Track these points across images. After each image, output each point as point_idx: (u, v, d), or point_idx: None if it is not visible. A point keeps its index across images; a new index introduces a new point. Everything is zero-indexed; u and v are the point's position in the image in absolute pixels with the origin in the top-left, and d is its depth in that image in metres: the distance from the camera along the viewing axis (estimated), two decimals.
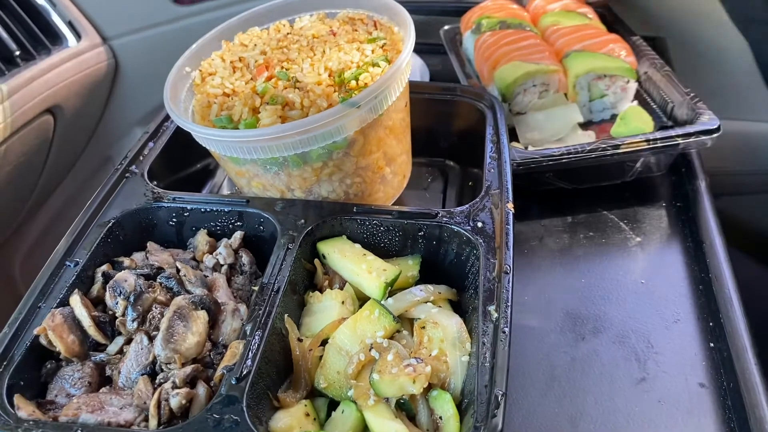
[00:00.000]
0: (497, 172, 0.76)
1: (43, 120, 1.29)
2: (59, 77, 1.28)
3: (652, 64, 0.95)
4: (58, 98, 1.29)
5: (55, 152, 1.38)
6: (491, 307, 0.60)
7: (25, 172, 1.35)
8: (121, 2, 1.34)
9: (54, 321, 0.60)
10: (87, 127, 1.49)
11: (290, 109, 0.70)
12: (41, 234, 1.68)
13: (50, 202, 1.59)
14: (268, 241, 0.72)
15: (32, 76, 1.23)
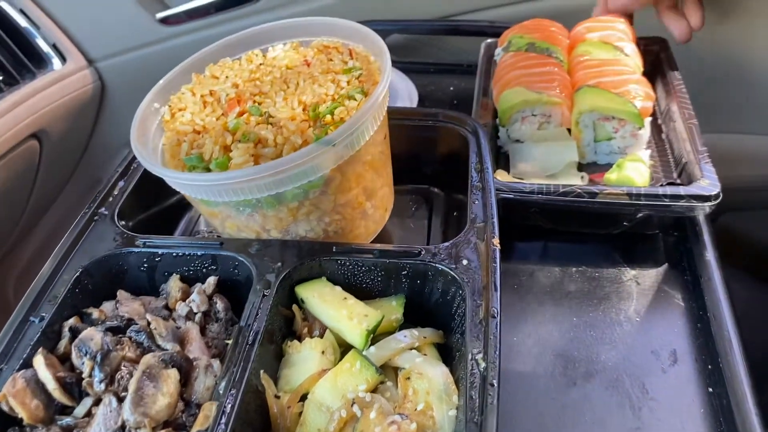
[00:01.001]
0: (482, 204, 0.72)
1: (29, 145, 1.26)
2: (44, 101, 1.25)
3: (681, 114, 0.88)
4: (44, 123, 1.26)
5: (43, 177, 1.36)
6: (479, 355, 0.57)
7: (13, 197, 1.32)
8: (106, 24, 1.31)
9: (15, 386, 0.56)
10: (75, 150, 1.46)
11: (263, 146, 0.67)
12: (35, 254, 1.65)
13: (43, 222, 1.57)
14: (244, 284, 0.69)
15: (16, 101, 1.20)
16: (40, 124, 1.30)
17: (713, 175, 0.77)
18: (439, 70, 1.19)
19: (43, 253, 1.74)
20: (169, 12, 1.32)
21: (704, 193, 0.74)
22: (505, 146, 0.91)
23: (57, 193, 1.57)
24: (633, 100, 0.82)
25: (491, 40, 1.07)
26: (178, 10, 1.32)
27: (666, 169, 0.86)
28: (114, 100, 1.42)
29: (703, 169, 0.78)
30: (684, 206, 0.75)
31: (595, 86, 0.84)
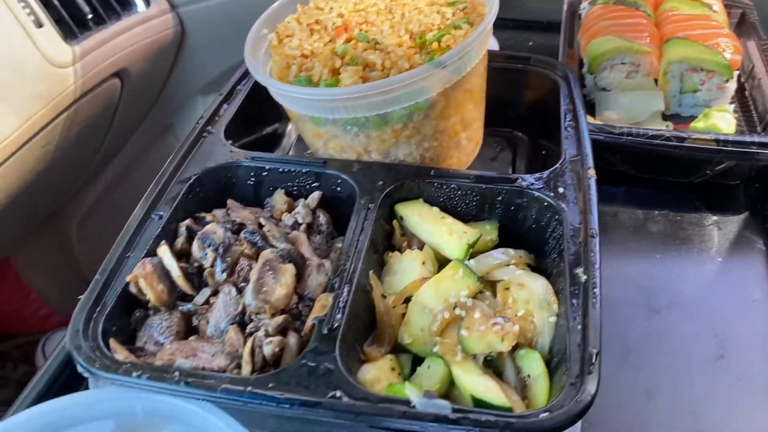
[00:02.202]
0: (575, 140, 0.75)
1: (111, 83, 1.32)
2: (128, 42, 1.30)
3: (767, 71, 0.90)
4: (126, 62, 1.31)
5: (120, 116, 1.41)
6: (579, 270, 0.60)
7: (91, 135, 1.38)
8: None
9: (145, 269, 0.61)
10: (151, 93, 1.51)
11: (371, 70, 0.70)
12: (98, 199, 1.72)
13: (110, 168, 1.63)
14: (345, 202, 0.73)
15: (103, 40, 1.25)
16: (123, 63, 1.35)
17: None
18: (518, 26, 1.21)
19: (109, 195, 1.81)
20: None
21: None
22: (591, 94, 0.93)
23: (129, 136, 1.63)
24: (723, 52, 0.84)
25: None
26: None
27: (750, 124, 0.88)
28: (191, 46, 1.46)
29: None
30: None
31: (684, 38, 0.86)
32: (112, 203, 1.82)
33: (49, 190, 1.42)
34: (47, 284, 1.93)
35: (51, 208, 1.66)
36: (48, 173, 1.30)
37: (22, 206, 1.29)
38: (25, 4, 1.20)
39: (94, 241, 1.86)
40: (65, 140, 1.29)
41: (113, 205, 1.83)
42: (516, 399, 0.55)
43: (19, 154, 1.15)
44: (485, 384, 0.55)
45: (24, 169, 1.20)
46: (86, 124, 1.34)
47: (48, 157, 1.27)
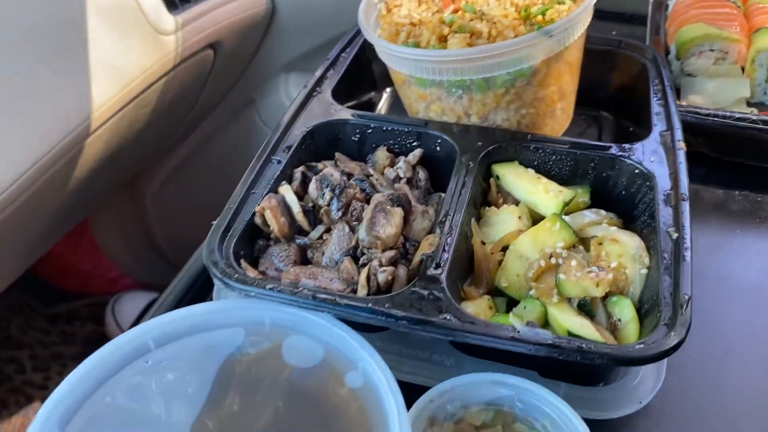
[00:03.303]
0: (665, 117, 0.79)
1: (205, 54, 1.40)
2: (223, 15, 1.38)
3: None
4: (220, 35, 1.39)
5: (209, 87, 1.49)
6: (671, 229, 0.64)
7: (181, 102, 1.46)
8: None
9: (271, 203, 0.68)
10: (238, 67, 1.60)
11: (477, 38, 0.75)
12: (175, 169, 1.81)
13: (189, 139, 1.71)
14: (444, 160, 0.78)
15: (201, 12, 1.33)
16: (216, 36, 1.43)
17: None
18: (602, 15, 1.24)
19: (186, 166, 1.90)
20: None
21: None
22: (677, 79, 0.96)
23: (213, 107, 1.72)
24: None
25: None
26: None
27: None
28: (280, 24, 1.54)
29: None
30: None
31: None
32: (188, 174, 1.91)
33: (134, 155, 1.52)
34: (119, 248, 2.04)
35: (132, 173, 1.76)
36: (139, 137, 1.39)
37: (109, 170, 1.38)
38: None
39: (167, 209, 1.96)
40: (159, 105, 1.37)
41: (188, 177, 1.92)
42: (609, 336, 0.59)
43: (119, 116, 1.24)
44: (581, 322, 0.60)
45: (119, 131, 1.29)
46: (179, 91, 1.42)
47: (142, 120, 1.36)
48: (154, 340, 0.57)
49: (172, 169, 1.88)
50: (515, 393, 0.56)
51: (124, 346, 0.56)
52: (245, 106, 1.73)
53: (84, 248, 2.03)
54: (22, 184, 1.00)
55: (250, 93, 1.69)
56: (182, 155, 1.84)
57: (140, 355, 0.57)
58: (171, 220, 2.00)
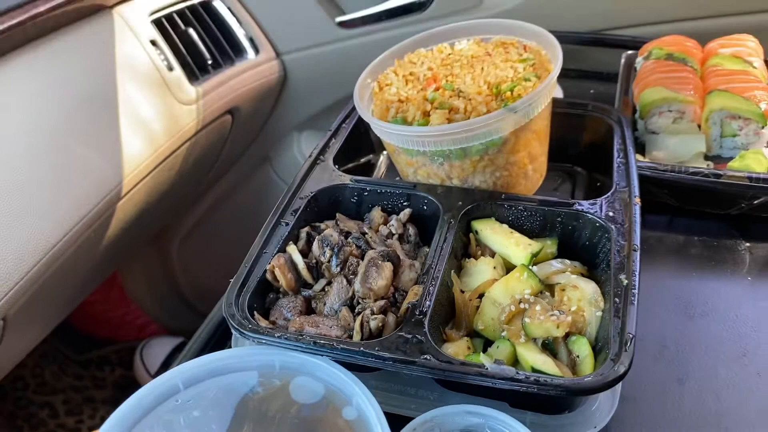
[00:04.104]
0: (625, 174, 0.90)
1: (224, 119, 1.55)
2: (240, 84, 1.53)
3: None
4: (238, 101, 1.54)
5: (228, 147, 1.64)
6: (622, 276, 0.74)
7: (204, 162, 1.60)
8: (294, 23, 1.58)
9: (279, 261, 0.79)
10: (254, 129, 1.74)
11: (455, 113, 0.87)
12: (198, 221, 1.95)
13: (211, 193, 1.86)
14: (430, 218, 0.89)
15: (219, 82, 1.49)
16: (234, 102, 1.58)
17: None
18: (581, 75, 1.37)
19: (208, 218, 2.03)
20: (347, 17, 1.57)
21: None
22: (642, 137, 1.08)
23: (232, 164, 1.86)
24: (758, 103, 0.97)
25: (631, 52, 1.24)
26: (355, 16, 1.57)
27: None
28: (292, 89, 1.69)
29: None
30: None
31: (724, 90, 1.00)
32: (210, 227, 2.05)
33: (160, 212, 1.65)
34: (147, 296, 2.18)
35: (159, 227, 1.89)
36: (164, 196, 1.53)
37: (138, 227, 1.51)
38: (159, 51, 1.45)
39: (191, 260, 2.10)
40: (183, 167, 1.51)
41: (210, 229, 2.06)
42: (567, 371, 0.69)
43: (147, 179, 1.38)
44: (543, 359, 0.70)
45: (147, 193, 1.42)
46: (201, 153, 1.57)
47: (168, 182, 1.49)
48: (183, 382, 0.69)
49: (196, 222, 2.02)
50: (485, 421, 0.66)
51: (158, 387, 0.68)
52: (262, 163, 1.87)
53: (114, 298, 2.16)
54: (64, 244, 1.13)
55: (266, 151, 1.83)
56: (204, 209, 1.98)
57: (171, 395, 0.68)
58: (195, 269, 2.13)
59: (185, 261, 2.10)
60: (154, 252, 2.08)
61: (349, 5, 1.59)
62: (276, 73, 1.64)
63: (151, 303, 2.20)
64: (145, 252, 2.06)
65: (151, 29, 1.45)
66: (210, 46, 1.55)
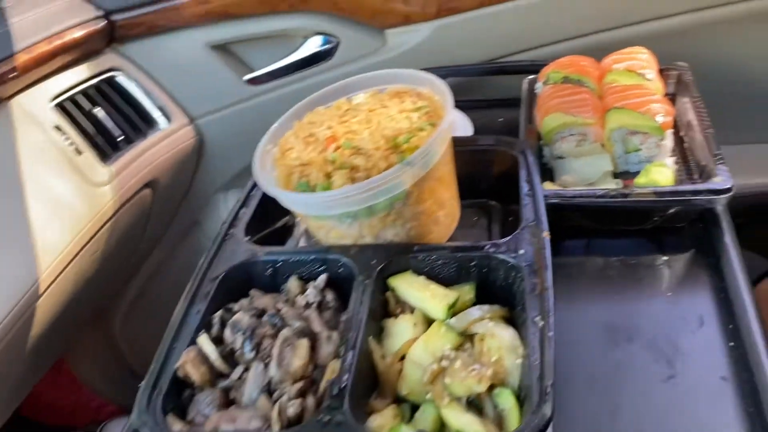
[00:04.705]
0: (533, 207, 0.90)
1: (144, 193, 1.51)
2: (155, 155, 1.50)
3: (700, 125, 1.04)
4: (155, 174, 1.51)
5: (153, 220, 1.60)
6: (537, 317, 0.74)
7: (129, 239, 1.56)
8: (203, 87, 1.56)
9: (189, 356, 0.76)
10: (178, 197, 1.71)
11: (356, 171, 0.86)
12: (138, 294, 1.89)
13: (146, 265, 1.81)
14: (347, 280, 0.87)
15: (134, 157, 1.45)
16: (152, 175, 1.55)
17: (726, 172, 0.93)
18: (489, 105, 1.39)
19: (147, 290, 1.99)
20: (255, 74, 1.56)
21: (718, 188, 0.91)
22: (549, 163, 1.08)
23: (161, 235, 1.82)
24: (655, 116, 0.99)
25: (532, 77, 1.25)
26: (262, 72, 1.56)
27: (688, 172, 1.03)
28: (210, 151, 1.66)
29: (718, 169, 0.93)
30: (703, 199, 0.91)
31: (621, 107, 1.01)
32: (151, 297, 2.00)
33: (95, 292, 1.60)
34: (97, 377, 2.10)
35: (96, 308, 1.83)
36: (95, 278, 1.48)
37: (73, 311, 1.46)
38: (66, 136, 1.41)
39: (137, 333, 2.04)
40: (107, 247, 1.47)
41: (152, 299, 2.01)
42: (492, 428, 0.68)
43: (66, 272, 1.33)
44: (468, 419, 0.68)
45: (76, 278, 1.38)
46: (124, 231, 1.52)
47: (95, 265, 1.45)
48: None
49: (135, 295, 1.97)
50: None
51: None
52: (192, 228, 1.83)
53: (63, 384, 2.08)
54: None
55: (193, 216, 1.79)
56: (142, 281, 1.93)
57: None
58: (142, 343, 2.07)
59: (131, 336, 2.04)
60: (98, 332, 2.01)
61: (256, 62, 1.58)
62: (191, 138, 1.61)
63: (103, 384, 2.12)
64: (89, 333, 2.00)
65: (54, 115, 1.41)
66: (119, 122, 1.51)
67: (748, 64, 1.42)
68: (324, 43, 1.50)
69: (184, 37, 1.53)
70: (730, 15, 1.35)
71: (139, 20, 1.51)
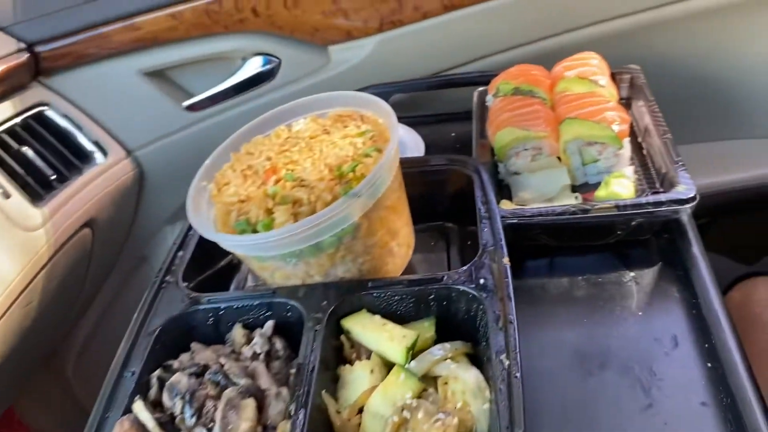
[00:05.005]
0: (491, 231, 0.84)
1: (83, 233, 1.41)
2: (92, 193, 1.40)
3: (657, 131, 0.99)
4: (93, 212, 1.41)
5: (96, 261, 1.50)
6: (502, 355, 0.68)
7: (70, 283, 1.46)
8: (139, 117, 1.47)
9: (123, 428, 0.68)
10: (121, 233, 1.61)
11: (299, 205, 0.79)
12: (89, 336, 1.79)
13: (94, 305, 1.71)
14: (297, 325, 0.80)
15: (69, 196, 1.35)
16: (91, 214, 1.45)
17: (689, 180, 0.88)
18: (440, 119, 1.33)
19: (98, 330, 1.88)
20: (194, 99, 1.48)
21: (682, 197, 0.86)
22: (505, 179, 1.03)
23: (107, 275, 1.72)
24: (610, 125, 0.94)
25: (482, 88, 1.20)
26: (202, 97, 1.48)
27: (649, 180, 0.98)
28: (152, 183, 1.57)
29: (680, 177, 0.89)
30: (667, 210, 0.87)
31: (575, 117, 0.97)
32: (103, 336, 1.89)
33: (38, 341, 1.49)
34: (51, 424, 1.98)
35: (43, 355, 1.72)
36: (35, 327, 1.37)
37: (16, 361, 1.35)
38: None
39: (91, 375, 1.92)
40: (45, 298, 1.36)
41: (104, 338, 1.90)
42: None
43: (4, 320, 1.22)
44: None
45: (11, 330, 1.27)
46: (64, 275, 1.42)
47: (32, 315, 1.34)
48: None
49: (86, 336, 1.86)
50: None
51: None
52: (140, 264, 1.73)
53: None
54: None
55: (140, 252, 1.70)
56: (90, 323, 1.83)
57: None
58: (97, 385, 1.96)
59: (84, 379, 1.93)
60: (49, 377, 1.90)
61: (195, 87, 1.50)
62: (130, 171, 1.52)
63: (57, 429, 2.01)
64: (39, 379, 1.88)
65: None
66: (51, 159, 1.41)
67: (696, 62, 1.40)
68: (265, 64, 1.43)
69: (115, 65, 1.44)
70: (674, 15, 1.32)
71: (64, 51, 1.41)
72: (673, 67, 1.36)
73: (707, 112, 1.42)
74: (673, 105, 1.16)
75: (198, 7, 1.36)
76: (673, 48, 1.34)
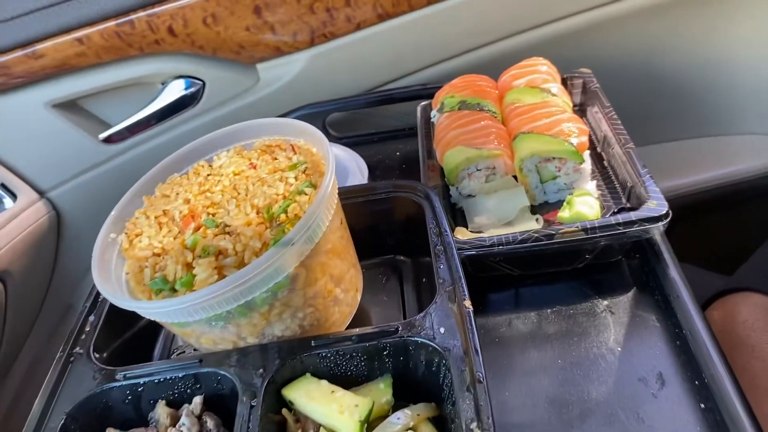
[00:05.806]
0: (447, 267, 0.74)
1: None
2: (2, 242, 1.25)
3: (617, 140, 0.91)
4: (4, 264, 1.26)
5: (12, 315, 1.34)
6: (473, 424, 0.58)
7: None
8: (51, 154, 1.32)
9: None
10: (41, 282, 1.46)
11: (224, 257, 0.68)
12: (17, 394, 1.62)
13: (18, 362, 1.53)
14: (230, 397, 0.69)
15: None
16: (1, 266, 1.29)
17: (659, 194, 0.80)
18: (383, 138, 1.23)
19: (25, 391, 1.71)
20: (111, 131, 1.33)
21: (654, 215, 0.77)
22: (458, 203, 0.93)
23: (30, 328, 1.55)
24: (568, 138, 0.86)
25: (426, 102, 1.11)
26: (120, 127, 1.33)
27: (614, 195, 0.89)
28: (71, 225, 1.42)
29: (649, 190, 0.81)
30: (638, 230, 0.78)
31: (530, 132, 0.88)
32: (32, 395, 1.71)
33: None
34: None
35: None
36: None
37: None
38: None
39: None
40: None
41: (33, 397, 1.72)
42: None
43: None
44: None
45: None
46: None
47: None
48: None
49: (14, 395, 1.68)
50: None
51: None
52: (66, 313, 1.57)
53: None
54: None
55: (66, 300, 1.54)
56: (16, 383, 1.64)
57: None
58: None
59: None
60: None
61: (112, 117, 1.35)
62: (45, 214, 1.36)
63: None
64: None
65: None
66: None
67: (645, 60, 1.34)
68: (187, 87, 1.30)
69: (19, 98, 1.28)
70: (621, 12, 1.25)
71: None
72: (624, 67, 1.29)
73: (663, 112, 1.36)
74: (629, 106, 1.09)
75: (107, 29, 1.22)
76: (623, 47, 1.28)
